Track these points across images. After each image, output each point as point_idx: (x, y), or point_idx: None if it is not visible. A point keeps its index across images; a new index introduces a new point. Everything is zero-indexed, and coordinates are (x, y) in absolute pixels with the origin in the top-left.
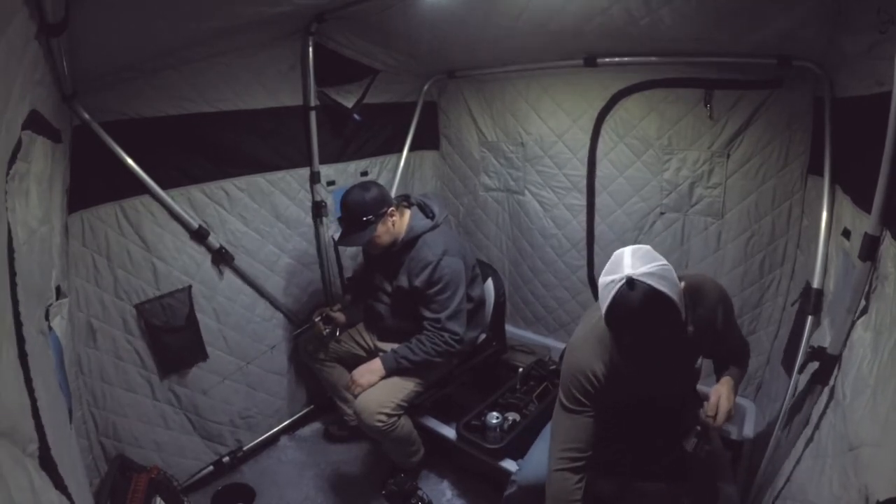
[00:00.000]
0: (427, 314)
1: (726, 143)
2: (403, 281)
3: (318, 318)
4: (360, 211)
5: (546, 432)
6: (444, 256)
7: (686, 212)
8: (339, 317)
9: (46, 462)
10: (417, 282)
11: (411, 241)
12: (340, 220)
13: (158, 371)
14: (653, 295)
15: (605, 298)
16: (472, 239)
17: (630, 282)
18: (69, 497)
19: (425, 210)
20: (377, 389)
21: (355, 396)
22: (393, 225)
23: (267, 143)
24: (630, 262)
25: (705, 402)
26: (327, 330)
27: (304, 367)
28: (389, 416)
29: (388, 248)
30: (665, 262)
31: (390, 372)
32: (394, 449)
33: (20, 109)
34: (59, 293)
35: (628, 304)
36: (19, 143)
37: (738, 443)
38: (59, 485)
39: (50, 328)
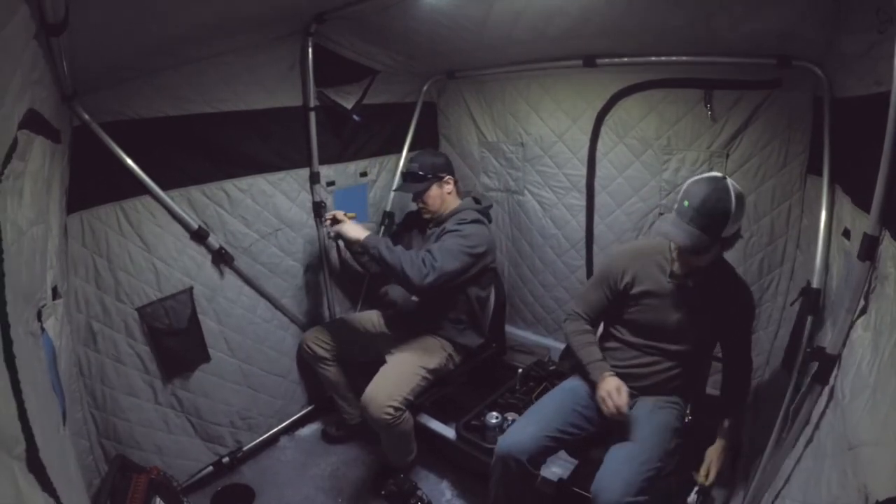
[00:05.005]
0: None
1: (725, 143)
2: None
3: (329, 219)
4: (422, 166)
5: (527, 412)
6: (477, 223)
7: None
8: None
9: (34, 464)
10: (446, 226)
11: (455, 213)
12: (403, 173)
13: (161, 375)
14: (728, 188)
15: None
16: None
17: (724, 177)
18: (57, 499)
19: (479, 201)
20: (385, 382)
21: (332, 237)
22: (448, 194)
23: (267, 143)
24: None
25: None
26: (333, 234)
27: (305, 367)
28: (397, 409)
29: (435, 220)
30: None
31: (367, 242)
32: (393, 446)
33: (17, 109)
34: (55, 294)
35: (710, 179)
36: (15, 142)
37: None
38: (48, 487)
39: (43, 329)
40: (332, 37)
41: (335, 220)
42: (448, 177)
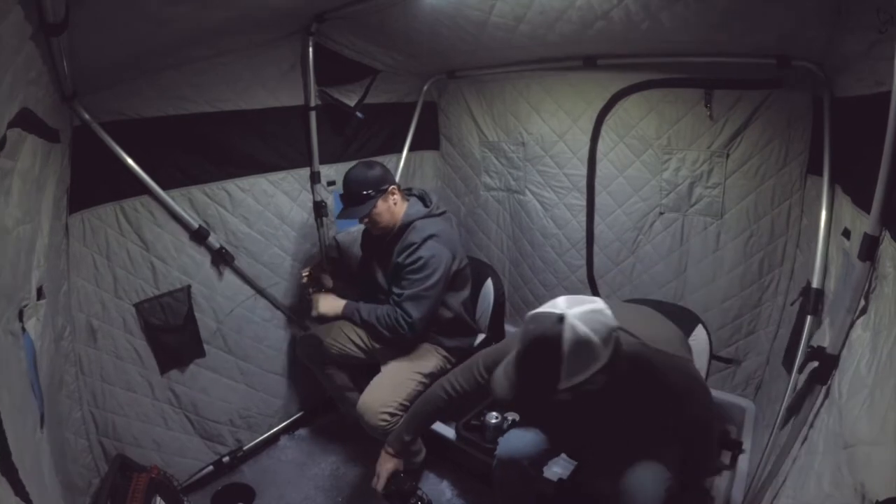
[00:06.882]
0: (394, 288)
1: (726, 142)
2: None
3: (306, 275)
4: (360, 185)
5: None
6: (429, 240)
7: (685, 212)
8: (327, 280)
9: (6, 467)
10: (399, 259)
11: (405, 227)
12: (342, 195)
13: (157, 370)
14: (561, 340)
15: (537, 310)
16: (472, 238)
17: (561, 319)
18: (30, 503)
19: (424, 200)
20: (380, 390)
21: (313, 319)
22: (395, 204)
23: (267, 143)
24: (575, 311)
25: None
26: (312, 290)
27: (304, 367)
28: (392, 415)
29: (386, 235)
30: (605, 323)
31: (344, 314)
32: None
33: (8, 108)
34: (40, 294)
35: (545, 319)
36: (4, 140)
37: (737, 442)
38: (20, 491)
39: (24, 330)
40: (332, 36)
41: (311, 277)
42: (391, 187)
